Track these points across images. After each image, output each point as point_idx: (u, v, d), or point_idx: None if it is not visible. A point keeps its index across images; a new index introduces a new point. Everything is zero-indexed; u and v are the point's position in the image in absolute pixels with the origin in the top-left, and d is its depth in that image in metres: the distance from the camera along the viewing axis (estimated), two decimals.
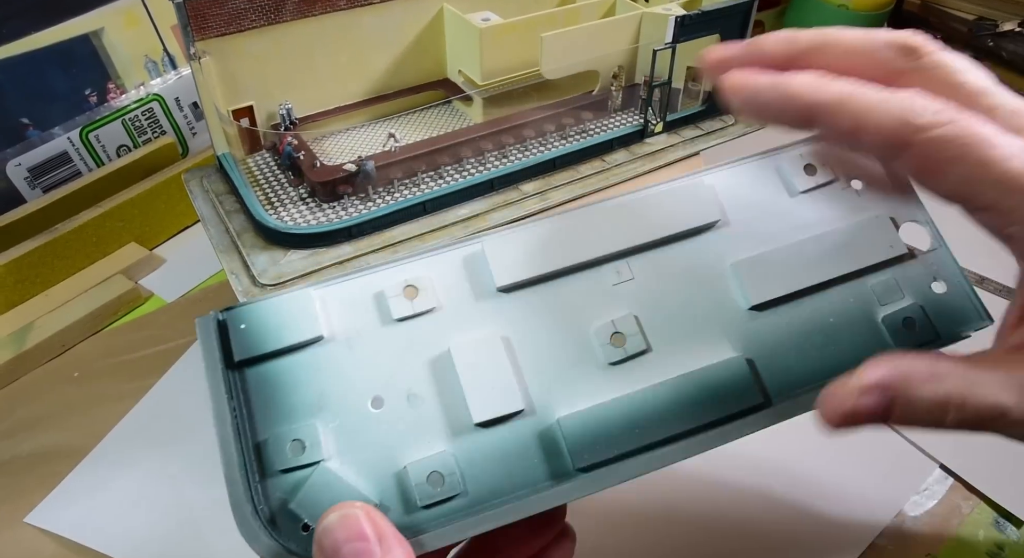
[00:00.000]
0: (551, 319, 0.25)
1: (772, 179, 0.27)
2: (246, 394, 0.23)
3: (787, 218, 0.27)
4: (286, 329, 0.23)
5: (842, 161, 0.27)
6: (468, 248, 0.25)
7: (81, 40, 0.52)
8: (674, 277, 0.26)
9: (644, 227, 0.26)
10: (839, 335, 0.26)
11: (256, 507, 0.22)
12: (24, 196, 0.53)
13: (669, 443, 0.24)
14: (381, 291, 0.24)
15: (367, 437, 0.23)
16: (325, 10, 0.44)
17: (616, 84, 0.48)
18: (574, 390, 0.24)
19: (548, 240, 0.25)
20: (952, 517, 0.37)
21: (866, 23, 0.71)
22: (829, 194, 0.27)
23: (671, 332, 0.25)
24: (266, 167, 0.45)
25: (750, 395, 0.24)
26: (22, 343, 0.46)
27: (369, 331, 0.24)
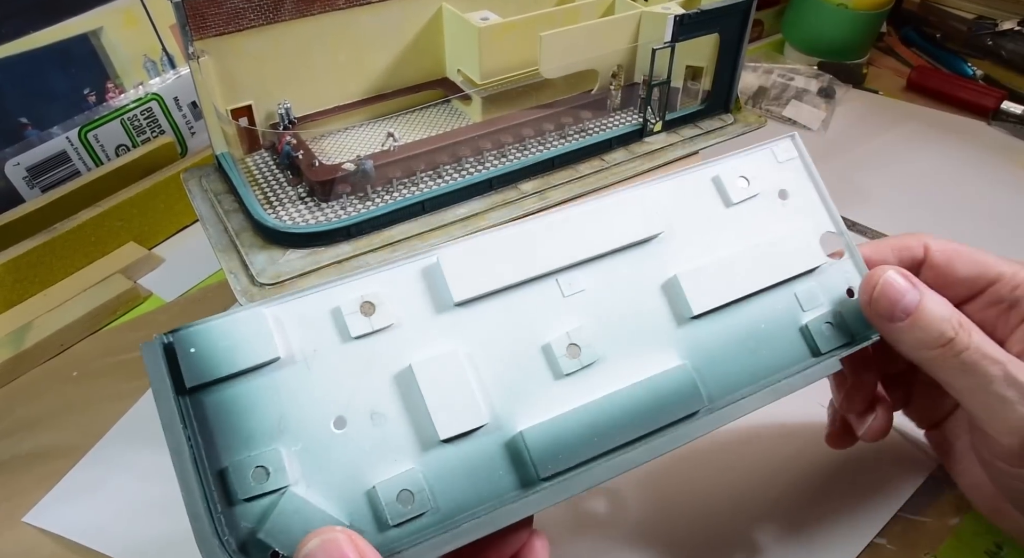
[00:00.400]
0: (508, 332, 0.25)
1: (709, 191, 0.29)
2: (202, 421, 0.22)
3: (724, 228, 0.29)
4: (240, 351, 0.22)
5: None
6: (423, 261, 0.25)
7: (80, 40, 0.52)
8: (623, 288, 0.27)
9: (593, 239, 0.27)
10: (769, 340, 0.28)
11: (222, 539, 0.21)
12: (23, 196, 0.53)
13: (626, 449, 0.25)
14: (337, 308, 0.24)
15: (332, 459, 0.23)
16: (324, 9, 0.44)
17: (615, 83, 0.48)
18: (534, 401, 0.25)
19: (502, 252, 0.26)
20: (951, 516, 0.37)
21: (865, 22, 0.71)
22: (759, 205, 0.29)
23: (621, 342, 0.26)
24: (265, 166, 0.45)
25: (695, 400, 0.26)
26: (21, 342, 0.46)
27: (327, 349, 0.24)
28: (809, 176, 0.30)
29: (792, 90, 0.68)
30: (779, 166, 0.30)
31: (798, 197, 0.30)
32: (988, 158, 0.63)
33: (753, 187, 0.29)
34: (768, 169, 0.30)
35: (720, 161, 0.29)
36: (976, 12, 0.76)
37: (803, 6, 0.73)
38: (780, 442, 0.40)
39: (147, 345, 0.22)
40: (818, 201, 0.30)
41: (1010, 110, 0.66)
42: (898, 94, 0.72)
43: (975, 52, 0.75)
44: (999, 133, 0.66)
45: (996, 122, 0.67)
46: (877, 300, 0.27)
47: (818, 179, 0.30)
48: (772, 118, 0.67)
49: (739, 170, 0.29)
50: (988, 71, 0.73)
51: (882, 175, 0.61)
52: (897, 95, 0.71)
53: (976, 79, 0.72)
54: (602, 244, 0.27)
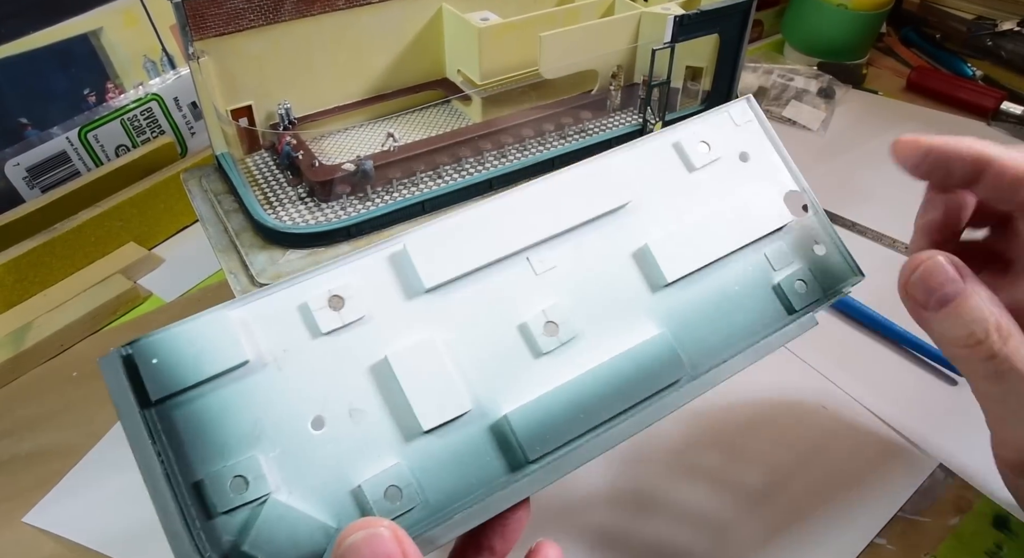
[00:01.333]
0: (483, 314, 0.25)
1: (671, 157, 0.29)
2: (172, 434, 0.21)
3: (689, 194, 0.28)
4: (205, 358, 0.21)
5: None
6: (389, 249, 0.24)
7: (80, 40, 0.52)
8: (595, 261, 0.27)
9: (561, 213, 0.26)
10: (743, 301, 0.28)
11: (204, 556, 0.20)
12: (23, 196, 0.53)
13: (613, 422, 0.25)
14: (305, 304, 0.23)
15: (313, 461, 0.22)
16: (324, 10, 0.44)
17: (615, 84, 0.48)
18: (515, 383, 0.24)
19: (469, 234, 0.25)
20: (951, 516, 0.37)
21: (865, 23, 0.71)
22: (722, 168, 0.29)
23: (598, 315, 0.26)
24: (265, 167, 0.45)
25: (677, 368, 0.26)
26: (21, 343, 0.46)
27: (298, 348, 0.23)
28: (768, 138, 0.30)
29: (792, 90, 0.68)
30: (737, 129, 0.30)
31: (759, 159, 0.30)
32: None
33: (714, 151, 0.29)
34: (727, 133, 0.30)
35: (679, 127, 0.29)
36: (976, 12, 0.76)
37: (803, 6, 0.73)
38: (780, 442, 0.40)
39: (105, 359, 0.21)
40: (779, 162, 0.30)
41: (1010, 110, 0.66)
42: (898, 94, 0.72)
43: (975, 52, 0.75)
44: (999, 133, 0.66)
45: (996, 122, 0.67)
46: (914, 284, 0.26)
47: (776, 140, 0.30)
48: (772, 118, 0.67)
49: (698, 135, 0.29)
50: (988, 71, 0.73)
51: (882, 175, 0.61)
52: (897, 95, 0.71)
53: (976, 79, 0.72)
54: (570, 218, 0.26)
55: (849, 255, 0.30)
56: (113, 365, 0.21)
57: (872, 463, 0.39)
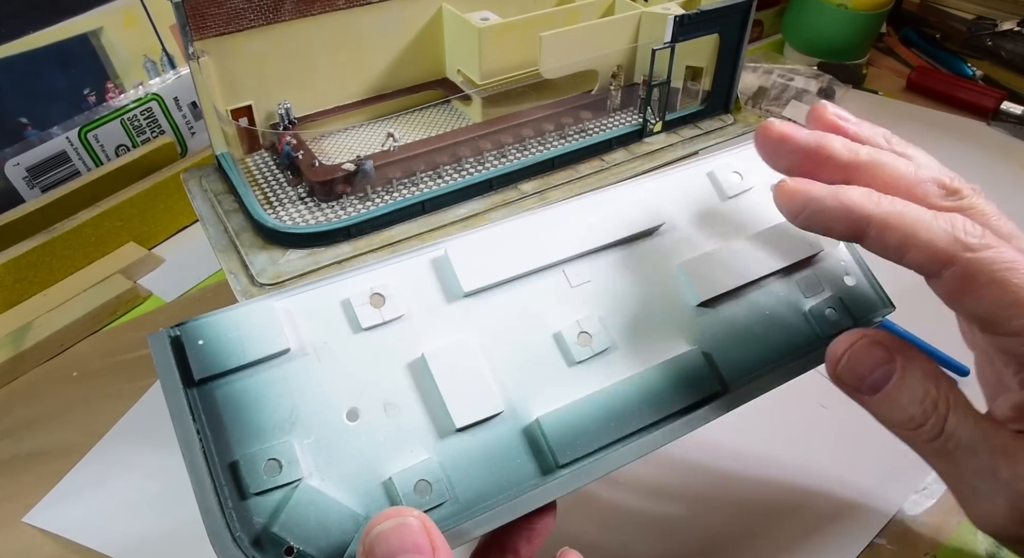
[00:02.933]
0: (519, 321, 0.25)
1: (705, 185, 0.30)
2: (212, 414, 0.22)
3: (721, 221, 0.29)
4: (249, 343, 0.22)
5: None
6: (431, 253, 0.25)
7: (80, 40, 0.52)
8: (629, 278, 0.27)
9: (597, 231, 0.27)
10: (775, 325, 0.28)
11: (234, 535, 0.21)
12: (23, 196, 0.53)
13: (643, 433, 0.25)
14: (347, 300, 0.24)
15: (346, 451, 0.22)
16: (324, 9, 0.44)
17: (615, 83, 0.48)
18: (548, 389, 0.25)
19: (509, 244, 0.26)
20: (951, 516, 0.37)
21: (865, 22, 0.71)
22: (754, 198, 0.30)
23: (631, 330, 0.26)
24: (265, 167, 0.45)
25: (709, 384, 0.26)
26: (21, 343, 0.46)
27: (338, 341, 0.23)
28: None
29: (792, 90, 0.68)
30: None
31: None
32: (988, 158, 0.63)
33: (747, 181, 0.30)
34: (760, 163, 0.29)
35: (713, 157, 0.30)
36: (976, 12, 0.76)
37: (803, 6, 0.73)
38: (780, 442, 0.40)
39: (154, 337, 0.22)
40: None
41: (1010, 110, 0.66)
42: (898, 94, 0.72)
43: (975, 52, 0.75)
44: (999, 133, 0.66)
45: (996, 122, 0.67)
46: (844, 372, 0.25)
47: None
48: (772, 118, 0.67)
49: (731, 165, 0.30)
50: (988, 71, 0.73)
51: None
52: (897, 95, 0.71)
53: (976, 79, 0.72)
54: (606, 236, 0.27)
55: (879, 287, 0.30)
56: (161, 343, 0.22)
57: (872, 463, 0.39)
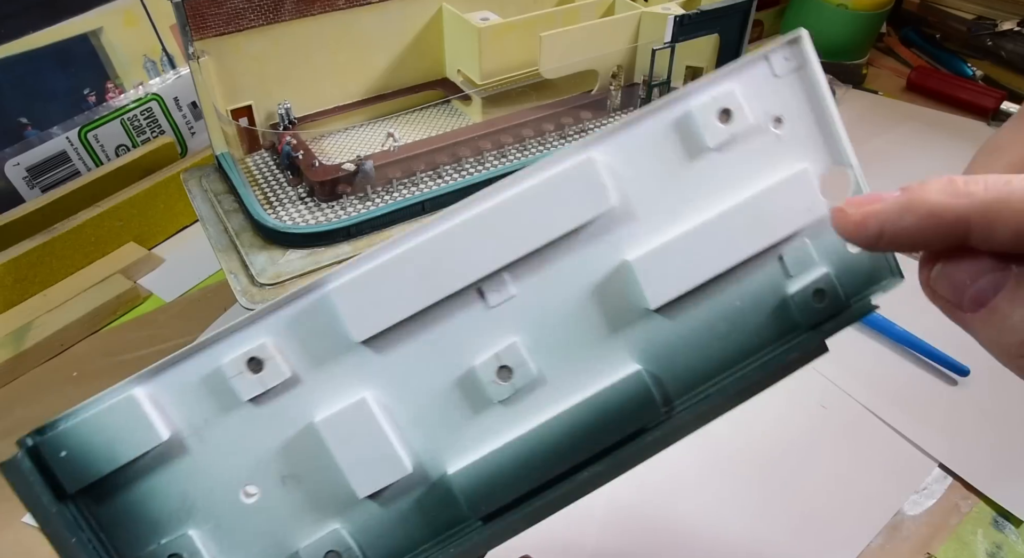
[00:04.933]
0: (427, 364, 0.22)
1: (675, 138, 0.22)
2: (98, 520, 0.20)
3: (695, 186, 0.22)
4: (118, 444, 0.20)
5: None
6: (312, 298, 0.21)
7: (80, 40, 0.52)
8: (562, 287, 0.22)
9: (521, 234, 0.21)
10: (745, 320, 0.23)
11: None
12: (23, 196, 0.53)
13: (571, 476, 0.22)
14: (219, 370, 0.21)
15: (248, 531, 0.21)
16: (324, 9, 0.44)
17: (615, 83, 0.48)
18: (464, 438, 0.22)
19: (409, 271, 0.21)
20: (951, 516, 0.37)
21: (865, 23, 0.71)
22: (746, 145, 0.22)
23: (563, 352, 0.22)
24: (265, 167, 0.45)
25: (651, 411, 0.22)
26: (21, 343, 0.46)
27: (219, 419, 0.21)
28: (815, 93, 0.23)
29: None
30: (775, 83, 0.22)
31: (798, 125, 0.23)
32: None
33: (737, 122, 0.22)
34: (760, 90, 0.22)
35: (691, 93, 0.22)
36: (976, 12, 0.76)
37: (803, 6, 0.73)
38: (780, 442, 0.40)
39: (8, 464, 0.19)
40: (825, 128, 0.23)
41: (1010, 110, 0.66)
42: (898, 94, 0.72)
43: (975, 52, 0.75)
44: None
45: (996, 122, 0.67)
46: (937, 279, 0.19)
47: (826, 95, 0.23)
48: None
49: (719, 101, 0.22)
50: (988, 71, 0.73)
51: (882, 175, 0.61)
52: (897, 95, 0.71)
53: (976, 79, 0.72)
54: (533, 238, 0.21)
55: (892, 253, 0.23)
56: (17, 467, 0.19)
57: (872, 463, 0.39)
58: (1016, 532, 0.36)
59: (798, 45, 0.22)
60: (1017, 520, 0.37)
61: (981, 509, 0.37)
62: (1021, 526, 0.37)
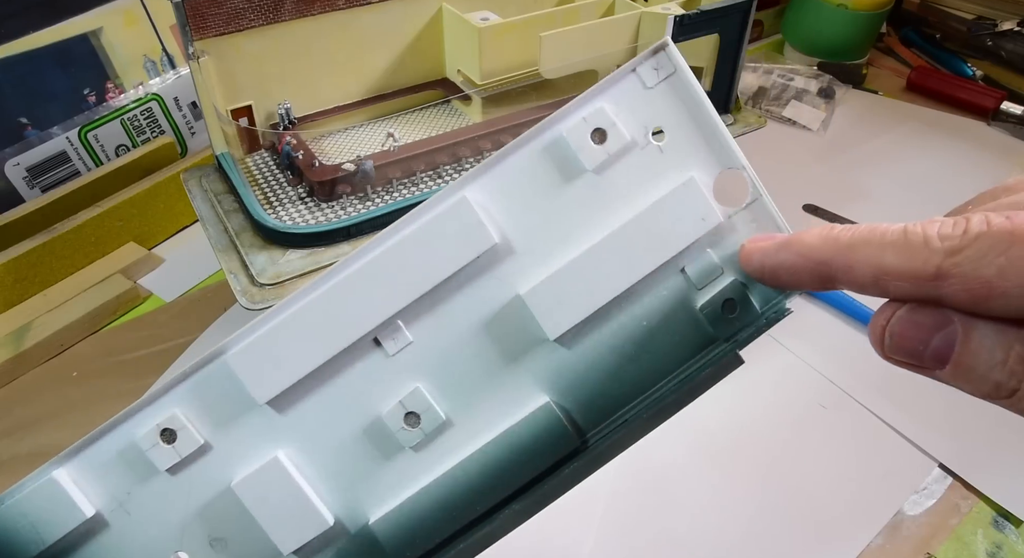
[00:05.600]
0: (334, 418, 0.22)
1: (550, 165, 0.22)
2: None
3: (579, 211, 0.22)
4: (44, 525, 0.21)
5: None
6: (212, 367, 0.22)
7: (80, 40, 0.52)
8: (458, 328, 0.22)
9: (409, 279, 0.22)
10: (654, 340, 0.22)
11: None
12: (23, 196, 0.53)
13: (492, 516, 0.22)
14: (135, 444, 0.22)
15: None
16: (324, 9, 0.44)
17: None
18: (381, 487, 0.22)
19: (302, 330, 0.22)
20: (951, 516, 0.37)
21: (865, 23, 0.71)
22: (627, 163, 0.22)
23: (469, 393, 0.22)
24: (265, 167, 0.45)
25: (565, 442, 0.22)
26: (21, 343, 0.46)
27: (141, 490, 0.22)
28: (692, 100, 0.22)
29: (792, 90, 0.68)
30: (647, 95, 0.22)
31: (679, 133, 0.22)
32: (988, 158, 0.63)
33: (612, 141, 0.22)
34: (632, 104, 0.22)
35: (561, 117, 0.22)
36: (976, 12, 0.76)
37: (803, 6, 0.73)
38: (779, 442, 0.40)
39: None
40: (707, 134, 0.22)
41: (1010, 110, 0.66)
42: (898, 94, 0.72)
43: (975, 52, 0.74)
44: (999, 133, 0.66)
45: (996, 122, 0.67)
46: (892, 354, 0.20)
47: (703, 101, 0.22)
48: (772, 118, 0.67)
49: (590, 121, 0.22)
50: (988, 71, 0.73)
51: (882, 175, 0.61)
52: (897, 95, 0.71)
53: (976, 79, 0.72)
54: (421, 282, 0.22)
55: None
56: None
57: (872, 463, 0.39)
58: (1016, 532, 0.36)
59: (664, 53, 0.22)
60: (1017, 520, 0.37)
61: (981, 509, 0.37)
62: (1021, 526, 0.37)
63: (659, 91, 0.22)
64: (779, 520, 0.37)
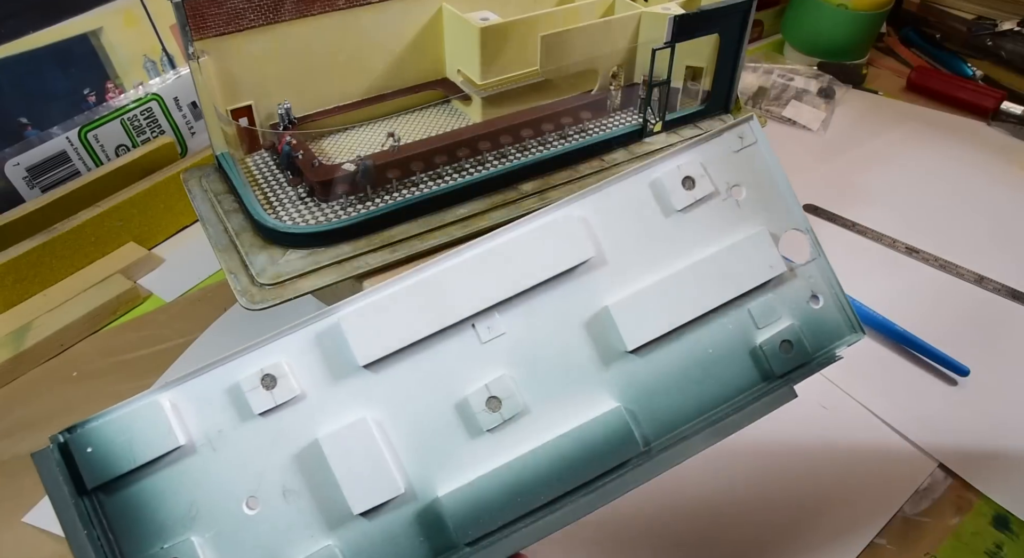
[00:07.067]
0: (423, 391, 0.24)
1: (647, 199, 0.26)
2: (109, 519, 0.22)
3: (665, 242, 0.25)
4: (139, 445, 0.22)
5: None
6: (324, 323, 0.24)
7: (80, 40, 0.52)
8: (548, 326, 0.24)
9: (511, 276, 0.24)
10: (717, 367, 0.25)
11: None
12: (23, 196, 0.53)
13: (554, 505, 0.23)
14: (237, 384, 0.23)
15: (246, 541, 0.22)
16: (324, 9, 0.44)
17: (615, 83, 0.48)
18: (454, 463, 0.23)
19: (410, 305, 0.24)
20: (951, 516, 0.37)
21: (865, 23, 0.71)
22: (709, 209, 0.26)
23: (548, 387, 0.24)
24: (265, 167, 0.45)
25: (630, 447, 0.24)
26: (21, 343, 0.46)
27: (231, 429, 0.23)
28: (769, 168, 0.26)
29: (792, 90, 0.68)
30: (732, 157, 0.26)
31: (755, 194, 0.26)
32: (988, 158, 0.63)
33: (700, 188, 0.25)
34: (718, 163, 0.26)
35: (659, 162, 0.26)
36: (976, 12, 0.76)
37: (803, 6, 0.73)
38: (780, 442, 0.40)
39: (39, 454, 0.21)
40: (779, 196, 0.26)
41: (1010, 110, 0.66)
42: (898, 94, 0.72)
43: (975, 52, 0.74)
44: (999, 133, 0.66)
45: (996, 122, 0.67)
46: None
47: (779, 170, 0.26)
48: (772, 118, 0.67)
49: (683, 169, 0.25)
50: (988, 71, 0.73)
51: (882, 175, 0.61)
52: (897, 95, 0.71)
53: (976, 79, 0.72)
54: (522, 280, 0.24)
55: (850, 310, 0.26)
56: (47, 457, 0.21)
57: (872, 463, 0.39)
58: (1016, 532, 0.36)
59: (748, 126, 0.26)
60: (1017, 520, 0.37)
61: (981, 509, 0.37)
62: (1021, 526, 0.37)
63: (743, 155, 0.26)
64: (779, 520, 0.37)
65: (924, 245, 0.53)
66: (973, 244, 0.53)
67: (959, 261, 0.51)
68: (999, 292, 0.49)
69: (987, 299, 0.49)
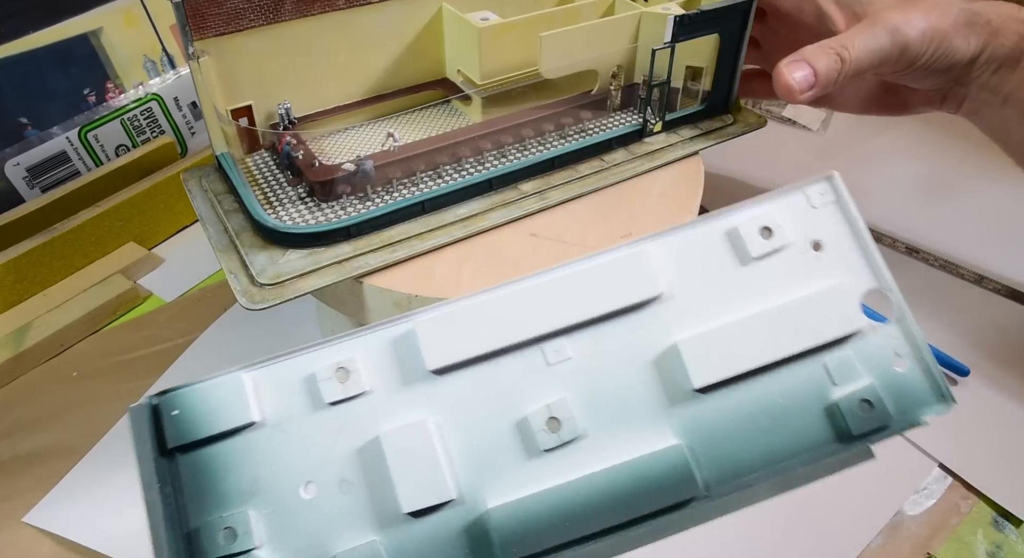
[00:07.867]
0: (485, 402, 0.24)
1: (722, 246, 0.26)
2: (179, 481, 0.23)
3: (738, 289, 0.25)
4: (218, 415, 0.23)
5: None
6: (401, 327, 0.24)
7: (80, 40, 0.52)
8: (613, 357, 0.25)
9: (582, 303, 0.25)
10: (787, 418, 0.24)
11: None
12: (23, 196, 0.53)
13: (601, 537, 0.23)
14: (313, 374, 0.24)
15: (299, 524, 0.23)
16: (324, 9, 0.44)
17: (615, 83, 0.48)
18: (506, 478, 0.24)
19: (483, 319, 0.24)
20: (951, 516, 0.37)
21: None
22: (786, 259, 0.25)
23: (608, 416, 0.24)
24: (265, 167, 0.45)
25: (688, 487, 0.23)
26: (20, 343, 0.46)
27: (301, 415, 0.24)
28: (850, 224, 0.26)
29: None
30: (812, 212, 0.26)
31: (835, 249, 0.26)
32: (988, 158, 0.63)
33: (777, 239, 0.25)
34: (798, 216, 0.26)
35: (738, 210, 0.26)
36: None
37: None
38: None
39: (135, 408, 0.23)
40: (861, 254, 0.26)
41: None
42: None
43: None
44: None
45: None
46: (780, 90, 0.40)
47: (861, 227, 0.26)
48: (772, 118, 0.67)
49: (760, 220, 0.25)
50: None
51: (882, 175, 0.61)
52: None
53: None
54: (593, 308, 0.24)
55: (940, 377, 0.25)
56: (141, 414, 0.23)
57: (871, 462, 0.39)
58: (1016, 532, 0.36)
59: (830, 183, 0.26)
60: (1017, 520, 0.37)
61: (981, 509, 0.37)
62: (1021, 526, 0.37)
63: (824, 212, 0.26)
64: (779, 520, 0.37)
65: (924, 245, 0.53)
66: (973, 244, 0.53)
67: (959, 261, 0.51)
68: (999, 292, 0.49)
69: (987, 299, 0.49)
